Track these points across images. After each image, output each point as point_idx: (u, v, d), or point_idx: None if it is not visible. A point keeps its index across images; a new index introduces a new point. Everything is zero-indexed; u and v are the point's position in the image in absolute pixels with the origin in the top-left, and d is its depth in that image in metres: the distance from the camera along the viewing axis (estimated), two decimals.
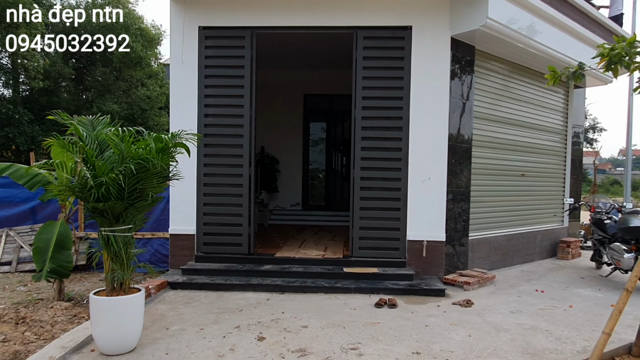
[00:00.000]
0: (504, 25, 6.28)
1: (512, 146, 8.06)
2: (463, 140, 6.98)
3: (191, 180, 6.64)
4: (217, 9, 6.59)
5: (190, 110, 6.64)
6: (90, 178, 4.03)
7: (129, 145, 4.11)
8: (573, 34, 7.63)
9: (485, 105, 7.41)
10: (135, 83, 15.49)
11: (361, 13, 6.49)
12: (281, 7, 6.53)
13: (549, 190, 9.16)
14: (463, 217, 7.08)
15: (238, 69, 6.65)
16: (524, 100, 8.21)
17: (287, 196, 11.80)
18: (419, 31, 6.49)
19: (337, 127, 12.13)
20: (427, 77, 6.54)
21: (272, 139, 11.49)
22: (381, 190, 6.69)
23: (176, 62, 6.61)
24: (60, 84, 14.38)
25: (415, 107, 6.56)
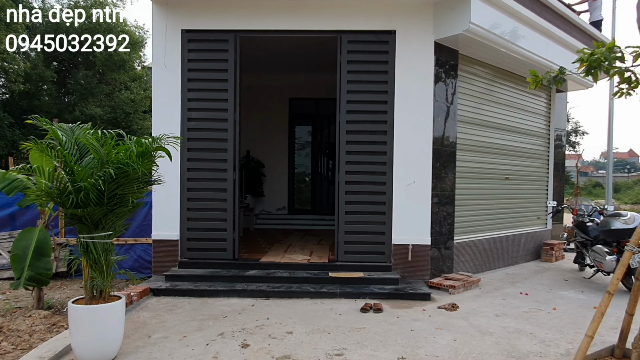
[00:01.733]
0: (487, 30, 6.33)
1: (496, 150, 8.13)
2: (447, 144, 7.01)
3: (174, 185, 6.56)
4: (200, 12, 6.53)
5: (173, 115, 6.56)
6: (69, 183, 3.94)
7: (109, 149, 4.04)
8: (555, 39, 7.74)
9: (469, 109, 7.46)
10: (118, 86, 15.30)
11: (345, 17, 6.49)
12: (265, 10, 6.50)
13: (533, 193, 9.25)
14: (448, 221, 7.10)
15: (222, 72, 6.59)
16: (507, 104, 8.29)
17: (273, 200, 11.74)
18: (403, 35, 6.52)
19: (322, 131, 12.12)
20: (411, 81, 6.56)
21: (257, 142, 11.43)
22: (366, 194, 6.69)
23: (158, 65, 6.53)
24: (42, 87, 14.13)
25: (400, 111, 6.58)
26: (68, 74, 15.56)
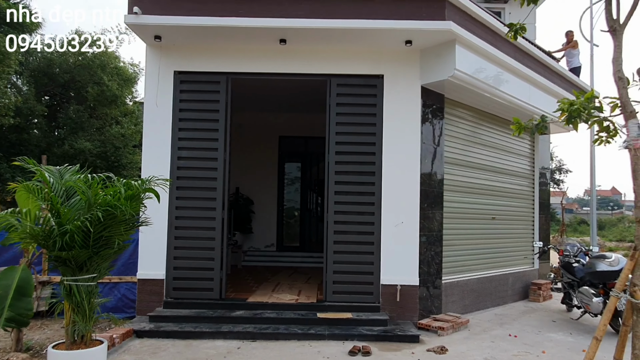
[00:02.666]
0: (471, 76, 6.56)
1: (483, 190, 8.26)
2: (435, 184, 7.12)
3: (162, 224, 6.53)
4: (193, 55, 6.69)
5: (163, 154, 6.60)
6: (55, 226, 3.92)
7: (97, 191, 4.04)
8: (536, 84, 8.03)
9: (455, 150, 7.62)
10: (109, 121, 15.36)
11: (334, 61, 6.70)
12: (256, 54, 6.68)
13: (519, 232, 9.35)
14: (436, 261, 7.12)
15: (213, 112, 6.70)
16: (493, 146, 8.49)
17: (262, 237, 11.67)
18: (391, 80, 6.72)
19: (312, 168, 12.22)
20: (399, 124, 6.72)
21: (247, 179, 11.46)
22: (355, 234, 6.71)
23: (150, 105, 6.62)
24: (32, 121, 14.14)
25: (388, 152, 6.70)
26: (59, 108, 15.61)
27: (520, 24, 4.88)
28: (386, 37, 6.31)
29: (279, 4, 6.09)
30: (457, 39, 6.22)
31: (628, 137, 4.19)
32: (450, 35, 6.17)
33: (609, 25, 4.19)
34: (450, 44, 6.26)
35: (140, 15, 5.90)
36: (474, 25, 6.57)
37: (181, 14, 6.01)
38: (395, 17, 6.06)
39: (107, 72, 14.27)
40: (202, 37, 6.41)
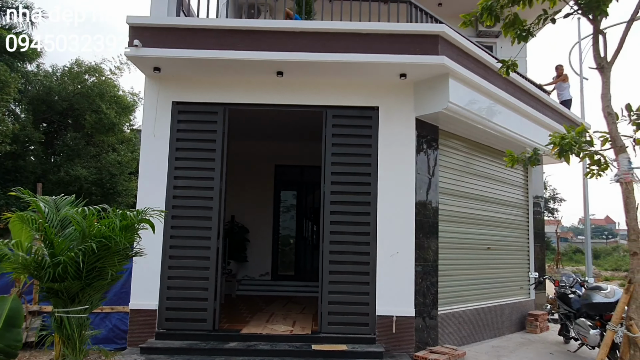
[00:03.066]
0: (464, 108, 6.68)
1: (477, 220, 8.28)
2: (430, 214, 7.14)
3: (156, 253, 6.48)
4: (191, 86, 6.80)
5: (159, 183, 6.62)
6: (48, 256, 3.89)
7: (92, 222, 4.04)
8: (528, 117, 8.18)
9: (450, 181, 7.69)
10: (106, 148, 15.42)
11: (330, 93, 6.82)
12: (253, 86, 6.80)
13: (515, 263, 9.33)
14: (432, 291, 7.07)
15: (209, 142, 6.75)
16: (487, 176, 8.56)
17: (257, 265, 11.58)
18: (385, 111, 6.83)
19: (307, 196, 12.24)
20: (394, 155, 6.79)
21: (242, 207, 11.45)
22: (350, 264, 6.68)
23: (148, 135, 6.68)
24: (29, 147, 14.18)
25: (383, 182, 6.75)
26: (57, 135, 15.69)
27: (512, 61, 5.02)
28: (381, 70, 6.46)
29: (277, 38, 6.24)
30: (450, 73, 6.37)
31: (619, 171, 4.27)
32: (443, 69, 6.32)
33: (597, 63, 4.32)
34: (444, 77, 6.41)
35: (140, 48, 6.02)
36: (466, 60, 6.74)
37: (180, 47, 6.14)
38: (390, 51, 6.21)
39: (106, 100, 14.42)
40: (200, 69, 6.54)
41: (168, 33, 6.21)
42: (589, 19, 4.37)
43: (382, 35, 6.29)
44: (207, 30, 6.26)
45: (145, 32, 6.13)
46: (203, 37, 6.23)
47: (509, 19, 4.83)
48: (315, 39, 6.28)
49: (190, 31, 6.24)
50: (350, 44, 6.25)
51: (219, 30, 6.25)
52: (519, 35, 4.75)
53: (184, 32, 6.23)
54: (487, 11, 4.70)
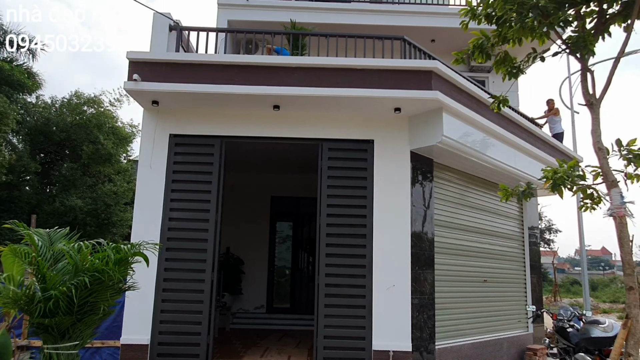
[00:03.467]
0: (458, 141, 6.77)
1: (473, 252, 8.26)
2: (425, 246, 7.12)
3: (149, 286, 6.40)
4: (188, 119, 6.88)
5: (154, 215, 6.60)
6: (39, 291, 3.84)
7: (85, 256, 4.01)
8: (521, 149, 8.29)
9: (445, 213, 7.71)
10: (102, 179, 15.40)
11: (326, 127, 6.91)
12: (250, 119, 6.89)
13: (512, 295, 9.25)
14: (429, 325, 6.97)
15: (206, 174, 6.78)
16: (482, 208, 8.60)
17: (251, 298, 11.41)
18: (381, 145, 6.92)
19: (303, 227, 12.19)
20: (389, 187, 6.84)
21: (238, 238, 11.38)
22: (346, 297, 6.61)
23: (144, 167, 6.71)
24: (24, 178, 14.15)
25: (379, 215, 6.76)
26: (53, 165, 15.68)
27: (503, 96, 5.14)
28: (376, 104, 6.57)
29: (273, 73, 6.37)
30: (443, 107, 6.49)
31: (612, 205, 4.31)
32: (437, 104, 6.44)
33: (586, 100, 4.43)
34: (438, 111, 6.53)
35: (139, 82, 6.12)
36: (459, 94, 6.88)
37: (179, 81, 6.25)
38: (385, 86, 6.34)
39: (104, 131, 14.52)
40: (198, 102, 6.63)
41: (167, 68, 6.33)
42: (577, 57, 4.51)
43: (376, 71, 6.43)
44: (206, 65, 6.40)
45: (144, 67, 6.25)
46: (201, 72, 6.35)
47: (499, 56, 4.97)
48: (311, 74, 6.41)
49: (189, 66, 6.38)
50: (346, 78, 6.38)
51: (217, 65, 6.38)
52: (510, 73, 4.88)
53: (183, 67, 6.36)
54: (478, 49, 4.84)
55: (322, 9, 10.26)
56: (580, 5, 4.43)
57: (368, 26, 10.13)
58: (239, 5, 10.09)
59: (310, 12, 10.18)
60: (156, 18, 6.77)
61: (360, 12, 10.36)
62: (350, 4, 10.58)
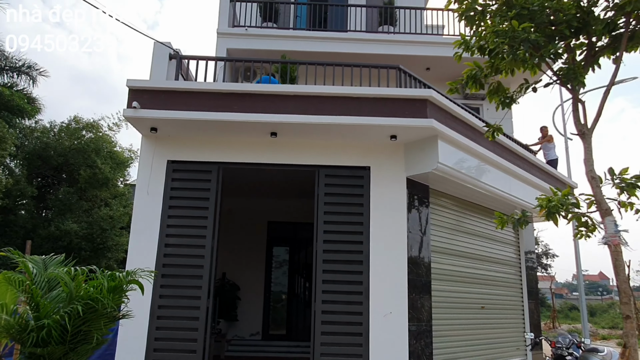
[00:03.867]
0: (454, 168, 6.84)
1: (470, 278, 8.23)
2: (422, 273, 7.10)
3: (144, 313, 6.32)
4: (186, 145, 6.93)
5: (150, 241, 6.58)
6: (32, 319, 3.80)
7: (80, 283, 3.98)
8: (516, 176, 8.36)
9: (441, 239, 7.71)
10: (98, 203, 15.38)
11: (322, 154, 6.98)
12: (247, 146, 6.95)
13: (510, 322, 9.17)
14: (426, 353, 6.89)
15: (203, 200, 6.79)
16: (478, 234, 8.61)
17: (247, 324, 11.25)
18: (377, 171, 6.97)
19: (300, 253, 12.14)
20: (385, 213, 6.86)
21: (234, 264, 11.31)
22: (343, 324, 6.54)
23: (141, 193, 6.72)
24: (20, 202, 14.12)
25: (375, 241, 6.76)
26: (49, 189, 15.67)
27: (497, 125, 5.22)
28: (372, 132, 6.66)
29: (271, 101, 6.46)
30: (439, 135, 6.57)
31: (606, 233, 4.34)
32: (432, 132, 6.53)
33: (578, 130, 4.51)
34: (433, 139, 6.61)
35: (138, 110, 6.20)
36: (454, 122, 6.99)
37: (178, 109, 6.32)
38: (380, 114, 6.44)
39: (102, 156, 14.58)
40: (196, 129, 6.70)
41: (166, 95, 6.42)
42: (568, 88, 4.61)
43: (372, 99, 6.54)
44: (205, 93, 6.49)
45: (144, 95, 6.34)
46: (200, 100, 6.44)
47: (492, 86, 5.08)
48: (308, 102, 6.51)
49: (188, 94, 6.47)
50: (342, 106, 6.48)
51: (216, 93, 6.48)
52: (503, 102, 4.98)
53: (182, 95, 6.45)
54: (472, 79, 4.95)
55: (319, 38, 10.46)
56: (570, 39, 4.56)
57: (364, 55, 10.33)
58: (237, 34, 10.29)
59: (307, 40, 10.38)
60: (157, 47, 6.91)
61: (356, 41, 10.58)
62: (346, 33, 10.80)
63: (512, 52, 4.35)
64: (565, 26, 4.47)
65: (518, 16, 4.34)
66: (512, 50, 4.35)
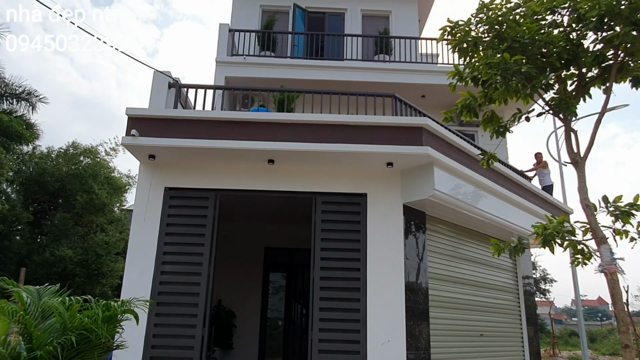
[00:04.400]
0: (450, 195, 6.88)
1: (468, 305, 8.17)
2: (420, 300, 7.05)
3: (138, 343, 6.22)
4: (184, 172, 6.97)
5: (146, 269, 6.53)
6: (25, 350, 3.75)
7: (74, 313, 3.94)
8: (512, 202, 8.40)
9: (439, 266, 7.69)
10: (94, 228, 15.31)
11: (319, 180, 7.02)
12: (245, 172, 6.99)
13: (509, 350, 9.05)
14: None
15: (200, 227, 6.78)
16: (475, 260, 8.59)
17: (243, 352, 11.04)
18: (374, 198, 7.00)
19: (297, 278, 12.03)
20: (382, 240, 6.86)
21: (230, 290, 11.17)
22: (340, 353, 6.45)
23: (138, 220, 6.71)
24: (15, 227, 14.03)
25: (372, 268, 6.73)
26: (45, 214, 15.61)
27: (492, 153, 5.29)
28: (368, 159, 6.72)
29: (268, 129, 6.54)
30: (434, 162, 6.64)
31: (602, 262, 4.35)
32: (428, 159, 6.60)
33: (571, 159, 4.57)
34: (429, 166, 6.67)
35: (137, 137, 6.25)
36: (449, 149, 7.07)
37: (176, 136, 6.38)
38: (377, 141, 6.52)
39: (99, 181, 14.59)
40: (194, 156, 6.75)
41: (165, 123, 6.49)
42: (560, 118, 4.70)
43: (369, 127, 6.63)
44: (203, 120, 6.56)
45: (143, 123, 6.41)
46: (198, 127, 6.50)
47: (486, 115, 5.17)
48: (305, 130, 6.59)
49: (187, 122, 6.54)
50: (339, 134, 6.55)
51: (214, 121, 6.55)
52: (497, 131, 5.06)
53: (181, 123, 6.52)
54: (466, 109, 5.04)
55: (316, 67, 10.64)
56: (561, 70, 4.67)
57: (360, 82, 10.49)
58: (236, 63, 10.45)
59: (304, 69, 10.55)
60: (156, 76, 7.02)
61: (352, 69, 10.76)
62: (342, 62, 11.00)
63: (504, 83, 4.44)
64: (555, 58, 4.60)
65: (510, 49, 4.46)
66: (505, 81, 4.44)
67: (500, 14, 4.70)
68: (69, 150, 14.69)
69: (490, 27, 4.73)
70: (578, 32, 4.54)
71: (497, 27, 4.71)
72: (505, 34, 4.59)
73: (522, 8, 4.72)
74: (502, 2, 4.75)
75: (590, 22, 4.26)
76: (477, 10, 4.84)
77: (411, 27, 12.32)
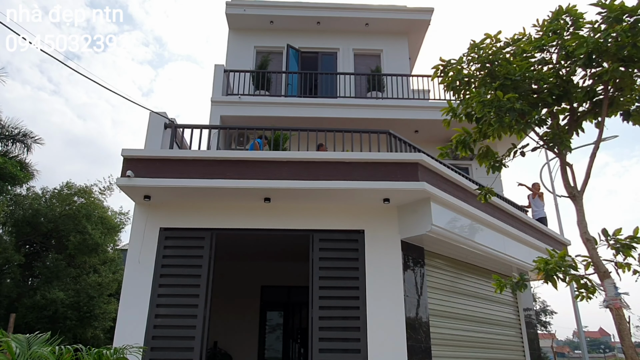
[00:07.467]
0: (447, 230, 6.84)
1: (471, 343, 7.97)
2: (421, 339, 6.88)
3: None
4: (179, 212, 6.90)
5: (140, 312, 6.36)
6: None
7: None
8: (510, 235, 8.35)
9: (439, 301, 7.55)
10: (87, 269, 15.00)
11: (316, 218, 6.97)
12: (241, 211, 6.94)
13: None
14: None
15: (195, 268, 6.66)
16: (475, 295, 8.45)
17: None
18: (371, 234, 6.94)
19: (294, 317, 11.77)
20: (381, 277, 6.75)
21: (226, 331, 10.89)
22: None
23: (132, 262, 6.58)
24: (6, 270, 13.72)
25: (372, 305, 6.60)
26: (37, 256, 15.32)
27: (489, 188, 5.30)
28: (365, 195, 6.70)
29: (264, 167, 6.54)
30: (431, 197, 6.63)
31: (607, 297, 4.28)
32: (424, 194, 6.59)
33: (569, 192, 4.57)
34: (426, 201, 6.66)
35: (132, 178, 6.22)
36: (445, 184, 7.08)
37: (172, 177, 6.36)
38: (373, 178, 6.52)
39: (92, 221, 14.41)
40: (189, 196, 6.70)
41: (161, 164, 6.47)
42: (555, 152, 4.74)
43: (364, 164, 6.65)
44: (198, 160, 6.56)
45: (138, 164, 6.39)
46: (194, 167, 6.49)
47: (481, 150, 5.20)
48: (301, 168, 6.59)
49: (182, 162, 6.53)
50: (335, 171, 6.56)
51: (209, 161, 6.55)
52: (493, 166, 5.08)
53: (177, 163, 6.51)
54: (461, 144, 5.07)
55: (309, 104, 10.75)
56: (553, 105, 4.75)
57: (353, 119, 10.60)
58: (231, 102, 10.56)
59: (298, 107, 10.66)
60: (152, 117, 7.06)
61: (346, 106, 10.89)
62: (336, 99, 11.15)
63: (498, 120, 4.50)
64: (547, 94, 4.68)
65: (502, 86, 4.54)
66: (499, 117, 4.50)
67: (490, 52, 4.81)
68: (63, 190, 14.58)
69: (482, 66, 4.83)
70: (567, 69, 4.64)
71: (488, 65, 4.81)
72: (497, 72, 4.68)
73: (511, 47, 4.83)
74: (492, 42, 4.87)
75: (579, 59, 4.36)
76: (468, 50, 4.95)
77: (402, 65, 12.60)
